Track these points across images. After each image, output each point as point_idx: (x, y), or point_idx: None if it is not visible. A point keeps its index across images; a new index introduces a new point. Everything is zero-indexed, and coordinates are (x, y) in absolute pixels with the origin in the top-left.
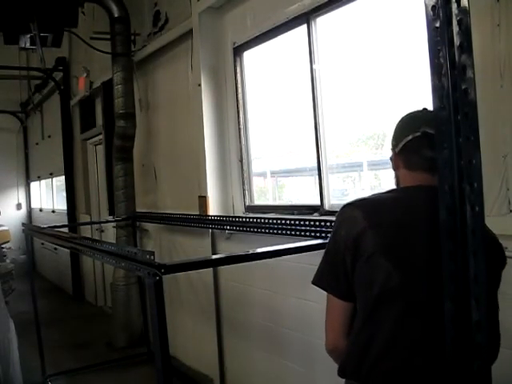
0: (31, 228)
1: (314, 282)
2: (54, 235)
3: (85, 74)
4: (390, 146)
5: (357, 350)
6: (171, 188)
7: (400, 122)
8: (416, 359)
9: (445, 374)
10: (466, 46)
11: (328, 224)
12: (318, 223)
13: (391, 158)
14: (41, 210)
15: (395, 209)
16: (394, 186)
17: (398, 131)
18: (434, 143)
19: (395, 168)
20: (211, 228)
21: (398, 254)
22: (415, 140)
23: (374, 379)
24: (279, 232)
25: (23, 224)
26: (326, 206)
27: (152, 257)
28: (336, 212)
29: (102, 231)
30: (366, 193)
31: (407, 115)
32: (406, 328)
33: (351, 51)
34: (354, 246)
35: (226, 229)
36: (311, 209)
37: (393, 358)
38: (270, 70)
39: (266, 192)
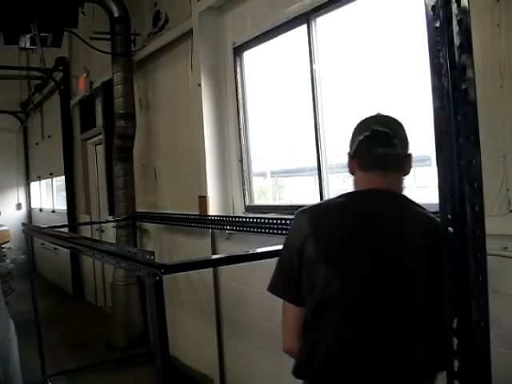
0: (31, 228)
1: (268, 289)
2: (53, 235)
3: (85, 74)
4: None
5: (305, 353)
6: (171, 188)
7: (355, 126)
8: (360, 364)
9: (391, 379)
10: (466, 46)
11: None
12: None
13: (348, 163)
14: (41, 210)
15: (339, 214)
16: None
17: (352, 135)
18: (383, 140)
19: (352, 172)
20: (211, 228)
21: (337, 260)
22: (366, 139)
23: (321, 382)
24: (279, 232)
25: (23, 224)
26: None
27: (152, 257)
28: None
29: (102, 231)
30: None
31: (361, 119)
32: (348, 333)
33: (351, 51)
34: (299, 252)
35: (226, 229)
36: None
37: (337, 362)
38: (270, 70)
39: (266, 192)
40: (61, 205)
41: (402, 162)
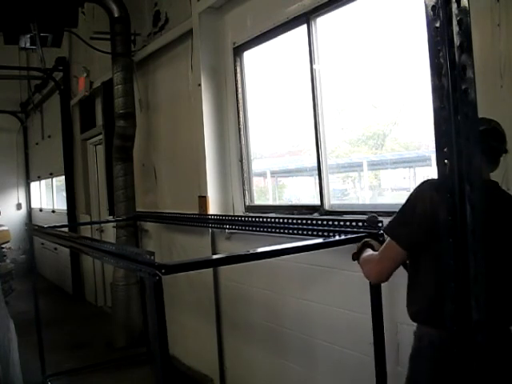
0: (34, 228)
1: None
2: (58, 235)
3: (85, 74)
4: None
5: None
6: (171, 188)
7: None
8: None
9: None
10: (466, 46)
11: (328, 224)
12: (317, 223)
13: None
14: (41, 209)
15: None
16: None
17: None
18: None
19: None
20: (211, 227)
21: None
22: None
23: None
24: (279, 232)
25: (26, 224)
26: (326, 206)
27: (152, 257)
28: (336, 212)
29: (102, 231)
30: (365, 193)
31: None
32: None
33: (351, 51)
34: None
35: (226, 228)
36: (311, 209)
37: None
38: (270, 70)
39: (266, 192)
40: (61, 205)
41: None
